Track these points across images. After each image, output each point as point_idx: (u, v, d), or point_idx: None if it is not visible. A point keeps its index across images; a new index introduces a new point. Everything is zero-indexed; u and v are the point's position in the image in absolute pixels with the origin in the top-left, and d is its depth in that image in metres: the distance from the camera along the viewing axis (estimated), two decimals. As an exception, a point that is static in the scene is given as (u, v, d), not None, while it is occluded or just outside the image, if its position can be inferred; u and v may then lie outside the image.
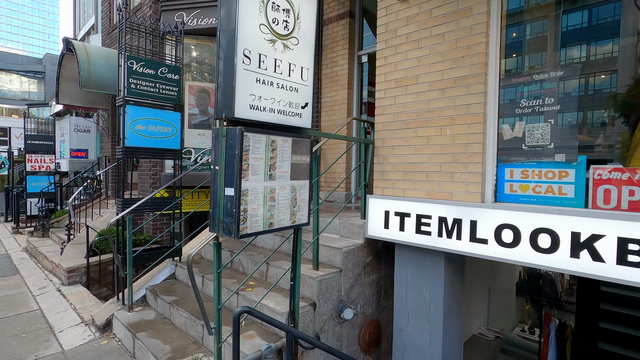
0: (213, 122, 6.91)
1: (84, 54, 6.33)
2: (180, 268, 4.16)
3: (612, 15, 2.58)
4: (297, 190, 2.59)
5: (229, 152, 2.17)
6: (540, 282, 6.92)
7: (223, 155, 2.19)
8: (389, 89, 3.36)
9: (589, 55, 2.66)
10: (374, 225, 3.35)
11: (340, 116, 5.62)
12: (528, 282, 7.09)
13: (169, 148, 4.26)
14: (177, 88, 4.31)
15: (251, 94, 2.28)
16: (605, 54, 2.63)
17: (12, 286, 5.35)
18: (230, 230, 2.18)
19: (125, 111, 3.87)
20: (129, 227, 3.75)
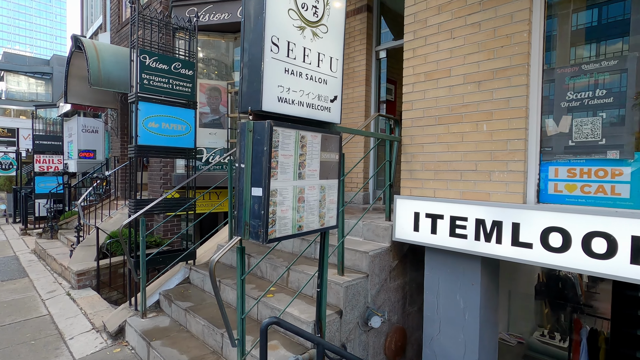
0: (224, 121, 6.75)
1: (93, 52, 6.20)
2: (195, 272, 3.98)
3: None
4: (326, 190, 2.40)
5: (256, 149, 1.99)
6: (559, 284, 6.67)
7: (249, 152, 2.01)
8: (418, 82, 3.16)
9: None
10: (403, 227, 3.14)
11: (358, 114, 5.43)
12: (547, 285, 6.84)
13: (182, 147, 4.10)
14: (191, 84, 4.14)
15: (279, 85, 2.09)
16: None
17: (20, 289, 5.22)
18: (258, 234, 1.99)
19: (137, 108, 3.71)
20: (142, 229, 3.59)
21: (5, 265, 6.54)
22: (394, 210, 3.21)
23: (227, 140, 6.68)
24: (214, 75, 6.79)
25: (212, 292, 3.71)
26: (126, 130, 8.30)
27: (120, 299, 5.53)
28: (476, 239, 2.68)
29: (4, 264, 6.64)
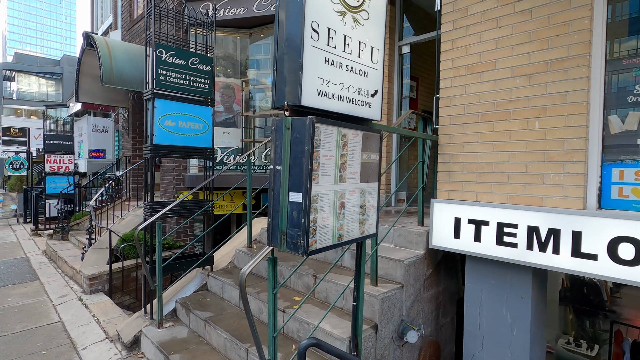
0: (238, 120, 6.54)
1: (105, 49, 6.03)
2: (213, 279, 3.77)
3: None
4: (366, 194, 2.16)
5: (295, 149, 1.75)
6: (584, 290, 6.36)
7: (287, 153, 1.77)
8: (458, 76, 2.90)
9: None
10: (441, 234, 2.89)
11: (379, 112, 5.16)
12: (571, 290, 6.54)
13: (199, 147, 3.89)
14: (209, 80, 3.93)
15: (319, 77, 1.86)
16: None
17: (31, 294, 5.06)
18: (297, 246, 1.76)
19: (153, 105, 3.50)
20: (159, 233, 3.38)
21: (16, 267, 6.42)
22: (431, 215, 2.96)
23: (242, 140, 6.48)
24: (228, 73, 6.59)
25: (231, 301, 3.49)
26: (137, 130, 8.15)
27: (133, 303, 5.36)
28: (528, 248, 2.42)
29: (15, 266, 6.52)
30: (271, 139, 1.85)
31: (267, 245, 1.94)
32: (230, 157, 6.27)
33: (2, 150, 18.51)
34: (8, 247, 8.14)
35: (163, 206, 3.62)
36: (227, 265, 4.07)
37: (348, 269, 3.26)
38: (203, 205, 3.98)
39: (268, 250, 2.09)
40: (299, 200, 1.75)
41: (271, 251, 2.11)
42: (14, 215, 11.81)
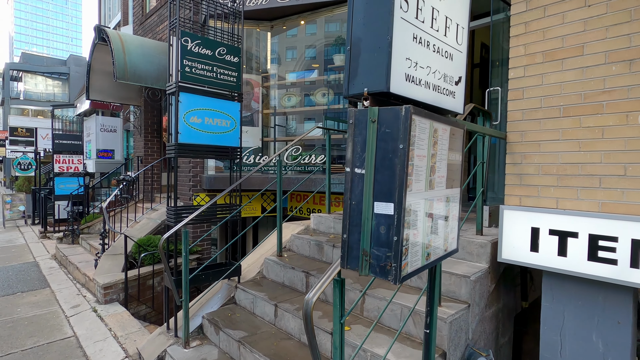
0: (256, 118, 6.19)
1: (119, 43, 5.71)
2: (243, 292, 3.41)
3: None
4: (450, 202, 1.79)
5: (383, 147, 1.39)
6: None
7: (372, 152, 1.41)
8: (533, 64, 2.52)
9: None
10: (513, 246, 2.51)
11: (413, 108, 4.79)
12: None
13: (226, 145, 3.53)
14: (237, 73, 3.58)
15: (407, 57, 1.49)
16: None
17: (42, 303, 4.74)
18: (386, 270, 1.39)
19: (178, 100, 3.15)
20: (185, 242, 3.03)
21: (25, 273, 6.11)
22: (500, 224, 2.58)
23: (261, 139, 6.13)
24: (246, 68, 6.24)
25: (265, 318, 3.13)
26: (150, 129, 7.82)
27: (149, 313, 5.03)
28: (632, 266, 2.04)
29: (24, 271, 6.21)
30: (348, 135, 1.48)
31: (341, 267, 1.57)
32: (250, 157, 5.92)
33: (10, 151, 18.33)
34: (16, 250, 7.86)
35: (188, 211, 3.27)
36: (256, 275, 3.71)
37: (399, 284, 2.89)
38: (230, 209, 3.63)
39: (334, 270, 1.72)
40: (388, 212, 1.38)
41: (338, 272, 1.74)
42: (22, 217, 11.56)
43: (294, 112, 6.05)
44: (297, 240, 3.90)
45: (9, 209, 11.25)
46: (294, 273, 3.36)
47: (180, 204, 4.91)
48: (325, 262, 3.53)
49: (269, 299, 3.10)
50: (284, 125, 6.23)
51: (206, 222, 3.50)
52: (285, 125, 6.19)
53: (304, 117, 6.05)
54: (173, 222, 3.21)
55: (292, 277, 3.38)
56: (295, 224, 4.42)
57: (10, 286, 5.43)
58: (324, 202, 6.07)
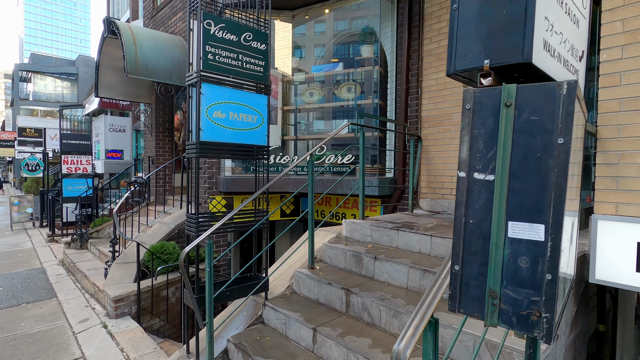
0: (276, 116, 5.78)
1: (130, 35, 5.33)
2: (272, 311, 2.99)
3: None
4: (573, 215, 1.35)
5: (526, 141, 0.96)
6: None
7: (505, 149, 0.98)
8: (632, 44, 2.07)
9: None
10: (610, 264, 2.06)
11: (453, 103, 4.35)
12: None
13: (252, 144, 3.12)
14: (264, 62, 3.17)
15: (546, 16, 1.06)
16: None
17: (47, 316, 4.37)
18: (530, 322, 0.97)
19: (200, 92, 2.75)
20: (209, 256, 2.62)
21: (32, 280, 5.77)
22: (593, 237, 2.13)
23: (281, 138, 5.72)
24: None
25: (301, 343, 2.71)
26: (161, 128, 7.45)
27: (163, 326, 4.64)
28: None
29: (30, 279, 5.87)
30: (462, 125, 1.05)
31: (451, 309, 1.14)
32: (270, 157, 5.50)
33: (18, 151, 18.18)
34: (23, 255, 7.55)
35: (211, 219, 2.86)
36: (285, 290, 3.30)
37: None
38: (256, 215, 3.21)
39: (428, 311, 1.29)
40: (534, 238, 0.95)
41: (431, 314, 1.31)
42: (30, 219, 11.30)
43: (317, 109, 5.62)
44: (330, 250, 3.47)
45: (17, 211, 10.99)
46: (331, 289, 2.94)
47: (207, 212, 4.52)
48: (365, 276, 3.10)
49: (305, 321, 2.68)
50: (305, 122, 5.82)
51: (231, 230, 3.09)
52: (308, 122, 5.77)
53: (326, 113, 5.62)
54: (194, 231, 2.81)
55: (328, 294, 2.96)
56: (324, 230, 4.00)
57: (14, 296, 5.08)
58: (348, 205, 5.64)
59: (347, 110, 5.35)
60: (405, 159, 4.80)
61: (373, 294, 2.69)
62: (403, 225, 3.48)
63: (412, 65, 4.70)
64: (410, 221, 3.75)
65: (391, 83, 4.94)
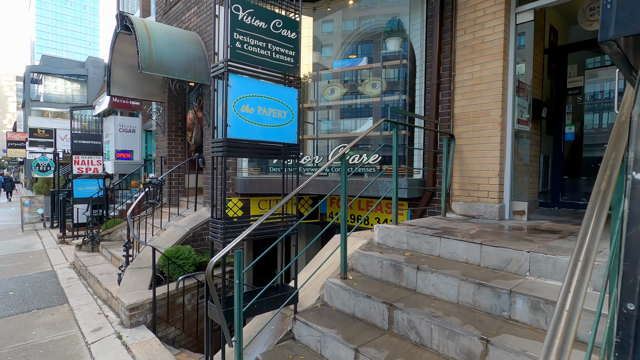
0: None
1: (144, 30, 5.11)
2: (304, 326, 2.71)
3: None
4: None
5: None
6: None
7: None
8: None
9: None
10: None
11: (489, 98, 4.04)
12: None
13: (280, 142, 2.85)
14: (295, 52, 2.90)
15: None
16: None
17: (59, 324, 4.15)
18: None
19: (227, 84, 2.48)
20: (239, 266, 2.34)
21: (43, 284, 5.57)
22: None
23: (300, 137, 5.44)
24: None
25: (339, 364, 2.42)
26: (174, 127, 7.23)
27: (179, 335, 4.39)
28: None
29: (41, 282, 5.68)
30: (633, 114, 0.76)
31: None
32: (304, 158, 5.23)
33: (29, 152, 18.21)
34: (34, 257, 7.38)
35: (240, 225, 2.59)
36: (315, 302, 3.02)
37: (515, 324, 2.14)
38: (285, 220, 2.94)
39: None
40: None
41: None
42: (41, 220, 11.19)
43: (339, 106, 5.34)
44: (364, 259, 3.18)
45: (28, 211, 10.89)
46: (370, 303, 2.65)
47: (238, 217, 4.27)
48: (405, 288, 2.81)
49: (344, 340, 2.39)
50: (326, 120, 5.54)
51: (259, 236, 2.81)
52: (328, 120, 5.49)
53: (349, 111, 5.33)
54: (221, 238, 2.54)
55: (367, 308, 2.67)
56: (353, 236, 3.71)
57: (25, 301, 4.88)
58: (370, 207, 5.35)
59: (372, 108, 5.06)
60: (436, 159, 4.50)
61: (420, 310, 2.39)
62: (443, 232, 3.17)
63: (443, 58, 4.40)
64: (449, 227, 3.45)
65: (420, 78, 4.65)
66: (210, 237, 2.69)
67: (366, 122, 5.03)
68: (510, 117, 4.06)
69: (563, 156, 5.30)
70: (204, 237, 5.49)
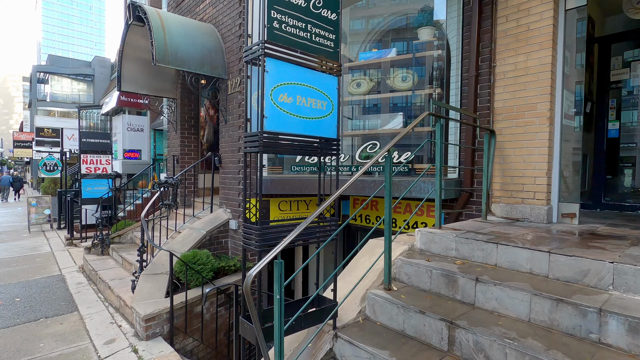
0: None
1: (158, 21, 4.82)
2: (349, 346, 2.38)
3: None
4: None
5: None
6: None
7: None
8: None
9: None
10: None
11: (536, 91, 3.69)
12: None
13: (319, 136, 2.53)
14: (335, 35, 2.58)
15: None
16: None
17: (69, 335, 3.86)
18: None
19: (264, 70, 2.17)
20: (280, 280, 2.02)
21: (51, 290, 5.29)
22: None
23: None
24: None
25: (394, 391, 2.10)
26: (187, 125, 6.95)
27: (197, 347, 4.09)
28: None
29: (49, 288, 5.40)
30: None
31: None
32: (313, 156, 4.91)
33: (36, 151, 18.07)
34: (41, 260, 7.12)
35: (277, 231, 2.28)
36: (357, 316, 2.69)
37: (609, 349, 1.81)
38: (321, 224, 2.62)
39: None
40: None
41: None
42: (48, 221, 10.96)
43: (365, 101, 5.01)
44: (408, 267, 2.86)
45: (34, 212, 10.66)
46: (424, 320, 2.32)
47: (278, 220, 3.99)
48: (461, 302, 2.47)
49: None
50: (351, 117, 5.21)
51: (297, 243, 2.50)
52: (354, 117, 5.17)
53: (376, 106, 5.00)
54: (257, 246, 2.22)
55: (420, 325, 2.34)
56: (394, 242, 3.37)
57: (32, 309, 4.59)
58: (400, 209, 5.01)
59: (401, 103, 4.73)
60: (474, 156, 4.16)
61: (488, 330, 2.06)
62: (497, 237, 2.84)
63: (482, 48, 4.06)
64: (499, 231, 3.11)
65: (455, 70, 4.30)
66: (243, 245, 2.37)
67: (395, 118, 4.70)
68: (559, 111, 3.72)
69: (605, 154, 4.94)
70: (221, 241, 5.18)
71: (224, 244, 5.25)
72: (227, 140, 5.33)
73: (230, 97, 5.23)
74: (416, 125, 3.16)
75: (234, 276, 4.79)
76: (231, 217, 5.25)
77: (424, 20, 4.45)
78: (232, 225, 5.19)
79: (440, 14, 4.32)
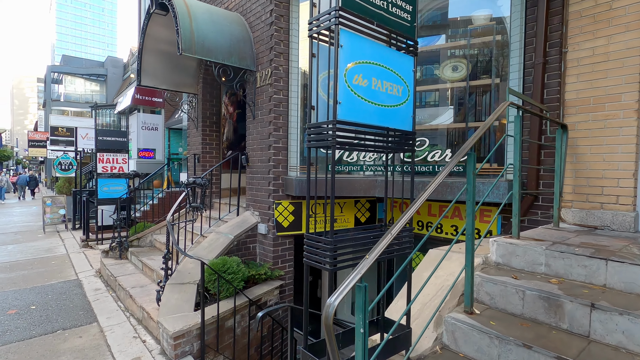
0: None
1: (184, 7, 4.43)
2: (435, 384, 1.94)
3: None
4: None
5: None
6: None
7: None
8: None
9: None
10: None
11: (619, 80, 3.20)
12: None
13: (392, 127, 2.09)
14: (412, 7, 2.14)
15: None
16: None
17: (88, 350, 3.49)
18: None
19: (338, 44, 1.74)
20: (364, 307, 1.59)
21: (67, 297, 4.95)
22: None
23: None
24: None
25: None
26: (208, 121, 6.57)
27: (228, 366, 3.67)
28: None
29: (65, 294, 5.06)
30: None
31: None
32: (353, 154, 4.48)
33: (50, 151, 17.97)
34: (57, 263, 6.81)
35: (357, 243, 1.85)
36: (433, 345, 2.24)
37: None
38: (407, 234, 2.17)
39: None
40: None
41: None
42: (62, 221, 10.72)
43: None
44: (490, 285, 2.40)
45: (49, 212, 10.43)
46: (531, 357, 1.86)
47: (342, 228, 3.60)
48: (569, 332, 2.01)
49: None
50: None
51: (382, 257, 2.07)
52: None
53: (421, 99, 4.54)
54: (329, 261, 1.79)
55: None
56: (455, 252, 2.93)
57: (49, 318, 4.25)
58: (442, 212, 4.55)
59: (451, 96, 4.26)
60: (540, 154, 3.68)
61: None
62: (597, 250, 2.37)
63: (551, 32, 3.58)
64: (591, 242, 2.64)
65: (517, 58, 3.83)
66: (305, 261, 1.94)
67: (445, 112, 4.24)
68: None
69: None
70: (249, 246, 4.78)
71: (252, 249, 4.85)
72: (255, 138, 4.93)
73: (260, 90, 4.83)
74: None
75: (265, 285, 4.38)
76: (260, 221, 4.84)
77: (480, 1, 3.99)
78: (260, 230, 4.78)
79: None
